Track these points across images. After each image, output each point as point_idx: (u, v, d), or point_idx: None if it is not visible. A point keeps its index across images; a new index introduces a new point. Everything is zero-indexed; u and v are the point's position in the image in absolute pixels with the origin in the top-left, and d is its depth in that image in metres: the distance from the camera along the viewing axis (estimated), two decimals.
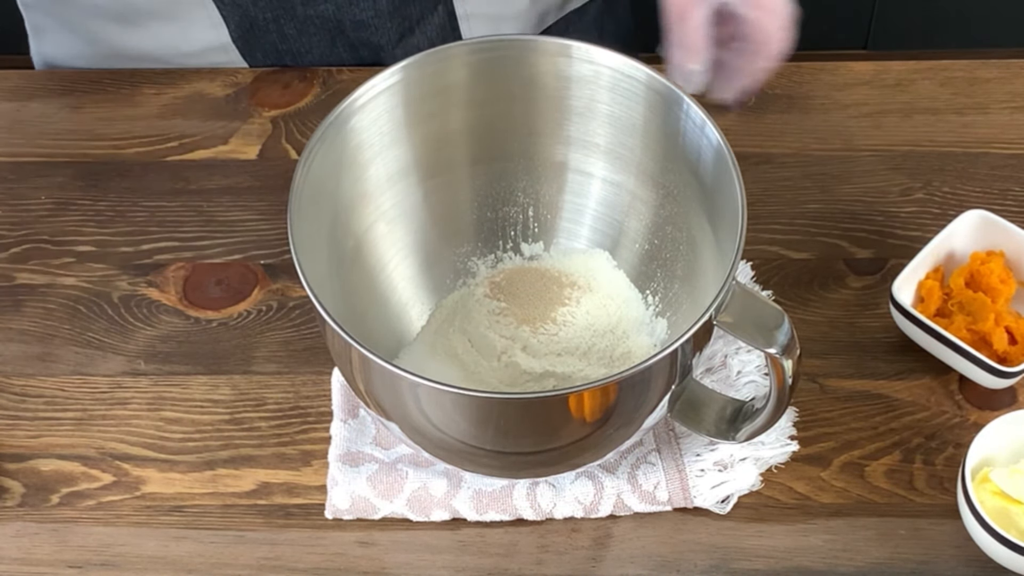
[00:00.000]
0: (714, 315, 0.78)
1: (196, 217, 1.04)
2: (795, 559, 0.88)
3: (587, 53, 0.88)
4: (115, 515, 0.90)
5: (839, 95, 1.10)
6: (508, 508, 0.89)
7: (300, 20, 1.11)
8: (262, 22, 1.10)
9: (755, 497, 0.90)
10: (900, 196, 1.04)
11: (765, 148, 1.07)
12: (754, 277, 0.99)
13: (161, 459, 0.92)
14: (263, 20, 1.10)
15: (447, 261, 0.96)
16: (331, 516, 0.89)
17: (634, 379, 0.78)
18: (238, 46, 1.12)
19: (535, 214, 0.96)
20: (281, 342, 0.97)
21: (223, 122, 1.09)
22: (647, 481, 0.89)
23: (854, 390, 0.94)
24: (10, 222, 1.04)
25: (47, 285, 1.01)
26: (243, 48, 1.12)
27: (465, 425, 0.81)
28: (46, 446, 0.93)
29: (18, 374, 0.96)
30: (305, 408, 0.94)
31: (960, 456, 0.91)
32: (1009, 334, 0.92)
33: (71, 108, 1.10)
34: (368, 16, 1.10)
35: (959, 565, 0.87)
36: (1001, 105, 1.09)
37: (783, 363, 0.79)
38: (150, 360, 0.97)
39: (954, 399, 0.94)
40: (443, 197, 0.94)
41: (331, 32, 1.11)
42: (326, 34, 1.11)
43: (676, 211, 0.90)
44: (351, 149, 0.87)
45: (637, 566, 0.88)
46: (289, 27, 1.11)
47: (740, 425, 0.86)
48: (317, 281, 0.79)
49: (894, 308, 0.93)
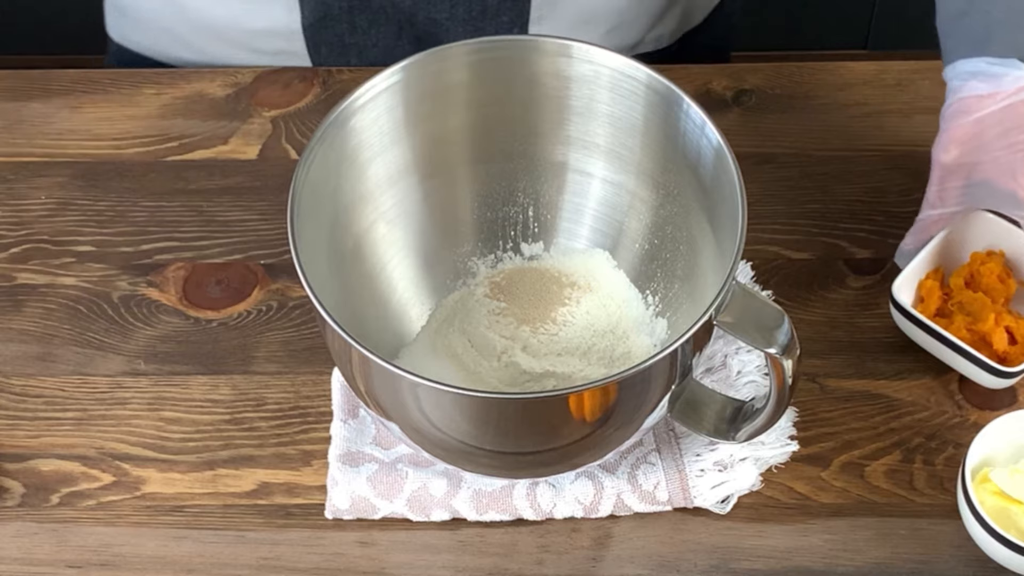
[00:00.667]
0: (714, 315, 0.78)
1: (196, 217, 1.04)
2: (795, 559, 0.88)
3: (587, 53, 0.88)
4: (115, 515, 0.90)
5: (839, 95, 1.10)
6: (508, 508, 0.89)
7: (374, 11, 1.12)
8: (336, 11, 1.11)
9: (755, 497, 0.90)
10: (900, 196, 1.04)
11: (765, 148, 1.07)
12: (754, 277, 0.99)
13: (161, 459, 0.92)
14: (338, 9, 1.11)
15: (447, 261, 0.96)
16: (331, 516, 0.89)
17: (634, 379, 0.78)
18: (307, 35, 1.13)
19: (535, 214, 0.96)
20: (281, 342, 0.97)
21: (223, 122, 1.09)
22: (647, 481, 0.89)
23: (854, 390, 0.94)
24: (10, 222, 1.04)
25: (47, 285, 1.01)
26: (310, 38, 1.13)
27: (465, 425, 0.81)
28: (46, 446, 0.93)
29: (18, 374, 0.96)
30: (305, 408, 0.94)
31: (960, 456, 0.91)
32: (1009, 334, 0.92)
33: (71, 108, 1.10)
34: (443, 17, 1.11)
35: (959, 565, 0.87)
36: None
37: (783, 363, 0.79)
38: (150, 360, 0.97)
39: (954, 399, 0.94)
40: (443, 197, 0.94)
41: (400, 26, 1.12)
42: (395, 27, 1.12)
43: (676, 211, 0.90)
44: (351, 149, 0.87)
45: (637, 566, 0.88)
46: (361, 19, 1.12)
47: (740, 425, 0.86)
48: (317, 281, 0.79)
49: (894, 308, 0.93)
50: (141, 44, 1.21)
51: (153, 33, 1.19)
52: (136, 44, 1.21)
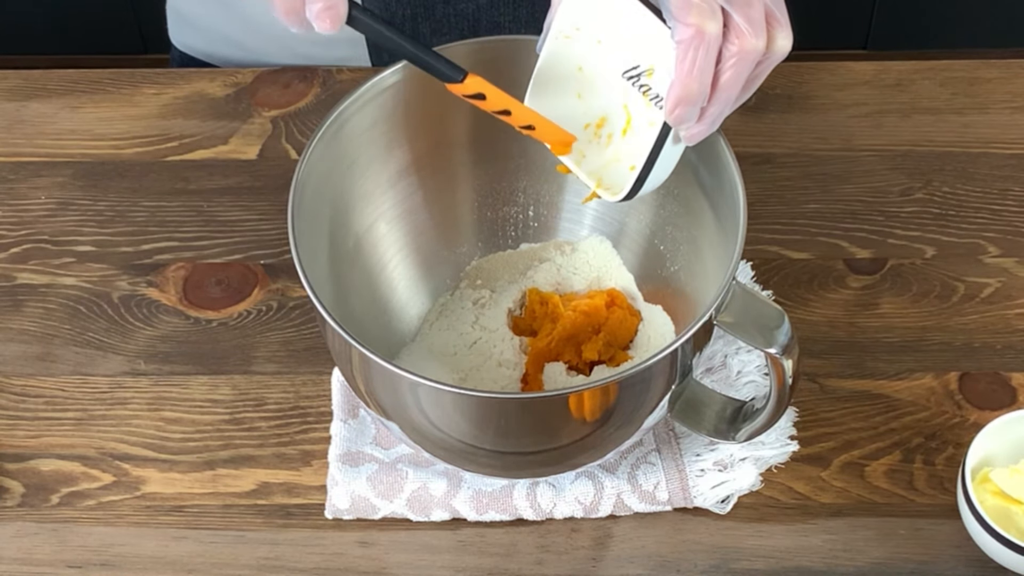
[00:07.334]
0: (714, 315, 0.78)
1: (196, 217, 1.04)
2: (795, 559, 0.88)
3: None
4: (115, 515, 0.90)
5: (839, 95, 1.10)
6: (508, 508, 0.89)
7: (437, 19, 1.12)
8: (399, 19, 1.11)
9: (755, 497, 0.90)
10: (900, 196, 1.04)
11: (765, 148, 1.07)
12: (754, 277, 0.99)
13: (161, 459, 0.92)
14: (401, 17, 1.11)
15: (447, 261, 0.96)
16: (331, 516, 0.89)
17: (634, 379, 0.78)
18: (368, 42, 1.13)
19: (535, 214, 0.96)
20: (281, 342, 0.97)
21: (223, 122, 1.09)
22: (647, 481, 0.89)
23: (854, 390, 0.94)
24: (10, 222, 1.04)
25: (47, 285, 1.01)
26: (373, 46, 1.13)
27: (465, 425, 0.81)
28: (46, 446, 0.93)
29: (18, 374, 0.96)
30: (305, 408, 0.94)
31: (960, 456, 0.91)
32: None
33: (71, 108, 1.10)
34: (506, 20, 1.11)
35: (959, 565, 0.87)
36: (1001, 105, 1.09)
37: (783, 363, 0.79)
38: (150, 360, 0.97)
39: (954, 399, 0.94)
40: (443, 197, 0.94)
41: (463, 33, 1.12)
42: (458, 34, 1.12)
43: (676, 211, 0.90)
44: (351, 149, 0.87)
45: (637, 566, 0.88)
46: (424, 26, 1.11)
47: (740, 425, 0.86)
48: (317, 281, 0.79)
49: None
50: (202, 50, 1.21)
51: (214, 41, 1.19)
52: (196, 50, 1.21)
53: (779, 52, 0.75)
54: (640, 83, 0.77)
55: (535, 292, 0.93)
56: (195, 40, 1.21)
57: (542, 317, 0.91)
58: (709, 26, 0.71)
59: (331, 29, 0.72)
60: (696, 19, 0.71)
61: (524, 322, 0.92)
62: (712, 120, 0.75)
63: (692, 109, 0.74)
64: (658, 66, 0.75)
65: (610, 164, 0.79)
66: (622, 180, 0.79)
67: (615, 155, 0.79)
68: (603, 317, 0.90)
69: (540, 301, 0.92)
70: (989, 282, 0.99)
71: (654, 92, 0.76)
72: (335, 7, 0.72)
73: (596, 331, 0.90)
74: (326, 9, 0.72)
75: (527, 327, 0.92)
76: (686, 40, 0.72)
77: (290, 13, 0.72)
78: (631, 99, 0.77)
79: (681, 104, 0.73)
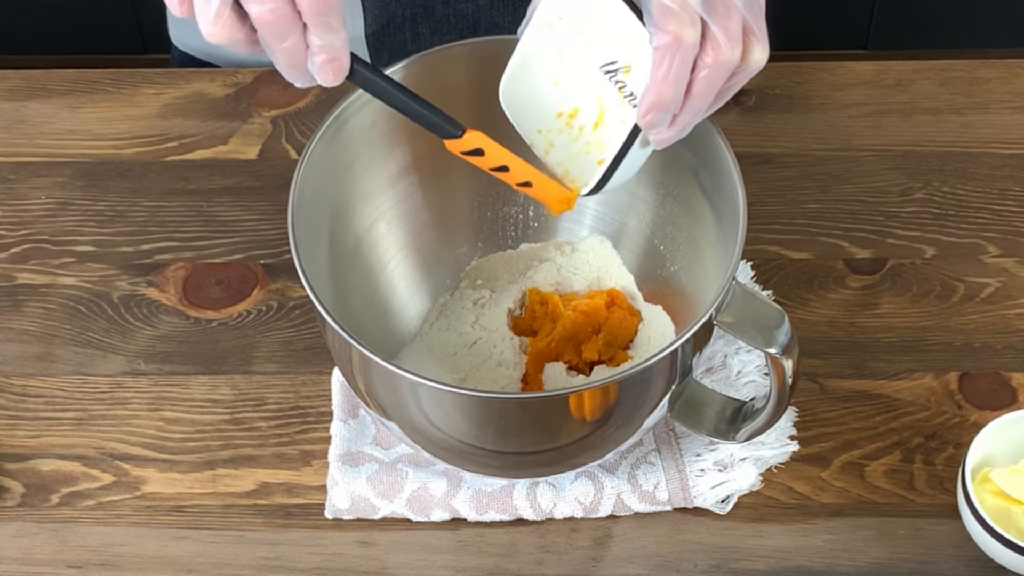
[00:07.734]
0: (714, 315, 0.78)
1: (196, 217, 1.04)
2: (795, 559, 0.88)
3: None
4: (115, 515, 0.90)
5: (839, 95, 1.10)
6: (508, 508, 0.89)
7: (437, 19, 1.12)
8: (399, 19, 1.11)
9: (755, 497, 0.90)
10: (900, 196, 1.04)
11: (765, 148, 1.07)
12: (754, 277, 0.99)
13: (161, 459, 0.92)
14: (400, 18, 1.11)
15: (447, 261, 0.96)
16: (331, 516, 0.89)
17: (634, 379, 0.78)
18: (370, 43, 1.13)
19: (535, 214, 0.96)
20: (281, 342, 0.97)
21: (223, 122, 1.09)
22: (647, 481, 0.89)
23: (854, 390, 0.94)
24: (10, 222, 1.04)
25: (47, 285, 1.01)
26: (373, 46, 1.13)
27: (465, 425, 0.81)
28: (46, 446, 0.93)
29: (18, 374, 0.96)
30: (305, 408, 0.94)
31: (960, 456, 0.91)
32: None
33: (71, 108, 1.10)
34: (505, 20, 1.11)
35: (959, 565, 0.87)
36: (1001, 105, 1.09)
37: (783, 363, 0.79)
38: (150, 360, 0.97)
39: (954, 399, 0.94)
40: (443, 197, 0.94)
41: (463, 33, 1.12)
42: (458, 35, 1.12)
43: (676, 211, 0.90)
44: (351, 149, 0.87)
45: (637, 566, 0.88)
46: (424, 26, 1.11)
47: (740, 425, 0.86)
48: (317, 281, 0.79)
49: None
50: (202, 49, 1.21)
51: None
52: (197, 50, 1.21)
53: (754, 65, 0.75)
54: (617, 79, 0.77)
55: (535, 292, 0.93)
56: (195, 39, 1.21)
57: (542, 317, 0.91)
58: (687, 35, 0.72)
59: (334, 82, 0.73)
60: (675, 27, 0.72)
61: (524, 322, 0.92)
62: (682, 127, 0.76)
63: (664, 115, 0.74)
64: (635, 65, 0.76)
65: (579, 156, 0.80)
66: (589, 173, 0.79)
67: (584, 147, 0.79)
68: (603, 317, 0.90)
69: (540, 301, 0.92)
70: (989, 282, 0.99)
71: (629, 90, 0.76)
72: (338, 59, 0.72)
73: (596, 331, 0.90)
74: (329, 61, 0.72)
75: (527, 327, 0.92)
76: (663, 47, 0.72)
77: (293, 67, 0.73)
78: (606, 93, 0.78)
79: (654, 110, 0.74)
